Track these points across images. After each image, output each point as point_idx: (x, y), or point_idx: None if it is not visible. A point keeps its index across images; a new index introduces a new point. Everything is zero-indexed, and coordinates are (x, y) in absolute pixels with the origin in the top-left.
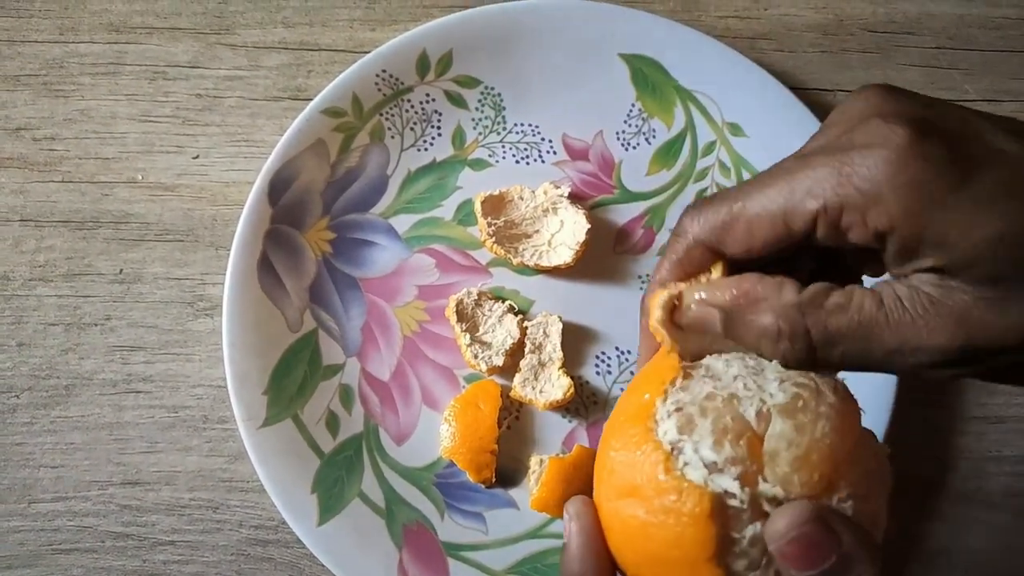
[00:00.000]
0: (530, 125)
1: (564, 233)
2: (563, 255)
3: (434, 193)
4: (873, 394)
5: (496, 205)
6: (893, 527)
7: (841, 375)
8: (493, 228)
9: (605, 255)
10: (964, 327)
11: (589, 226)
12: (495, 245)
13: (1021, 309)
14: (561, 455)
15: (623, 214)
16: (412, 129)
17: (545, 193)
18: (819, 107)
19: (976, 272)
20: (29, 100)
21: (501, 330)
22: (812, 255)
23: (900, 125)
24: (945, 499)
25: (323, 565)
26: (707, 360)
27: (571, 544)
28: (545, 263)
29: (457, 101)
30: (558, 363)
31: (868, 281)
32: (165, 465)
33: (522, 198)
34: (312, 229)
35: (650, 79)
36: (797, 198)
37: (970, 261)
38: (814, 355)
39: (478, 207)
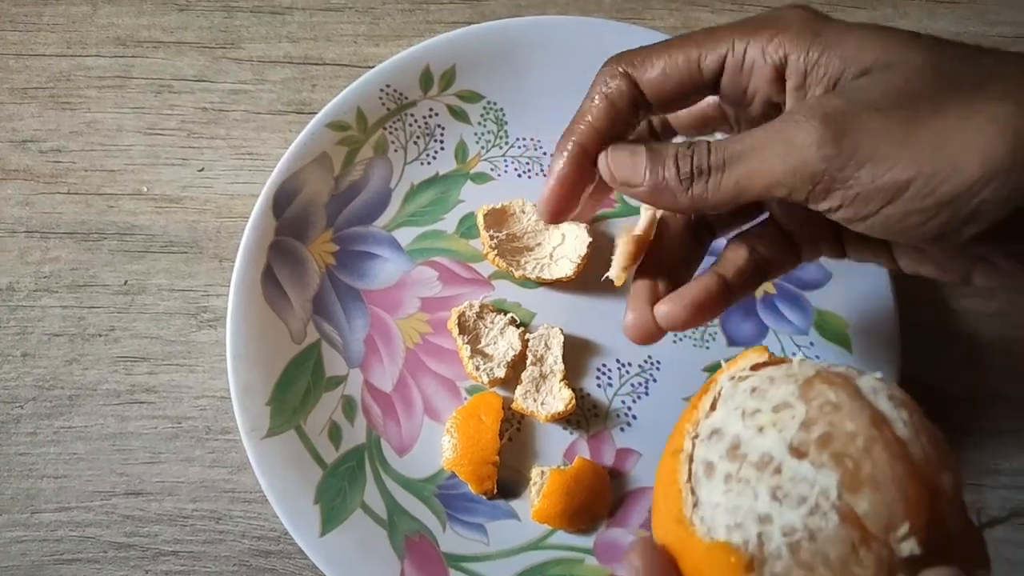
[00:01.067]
0: (532, 139)
1: (565, 246)
2: (564, 268)
3: (437, 206)
4: (882, 346)
5: (498, 218)
6: None
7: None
8: (495, 241)
9: (606, 268)
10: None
11: (590, 239)
12: (497, 258)
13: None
14: (562, 467)
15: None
16: (415, 143)
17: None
18: None
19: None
20: (36, 112)
21: (503, 342)
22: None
23: (799, 7)
24: None
25: None
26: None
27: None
28: (547, 276)
29: (460, 115)
30: (559, 375)
31: None
32: (168, 476)
33: (523, 211)
34: (316, 241)
35: None
36: (711, 45)
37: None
38: (713, 169)
39: (480, 220)
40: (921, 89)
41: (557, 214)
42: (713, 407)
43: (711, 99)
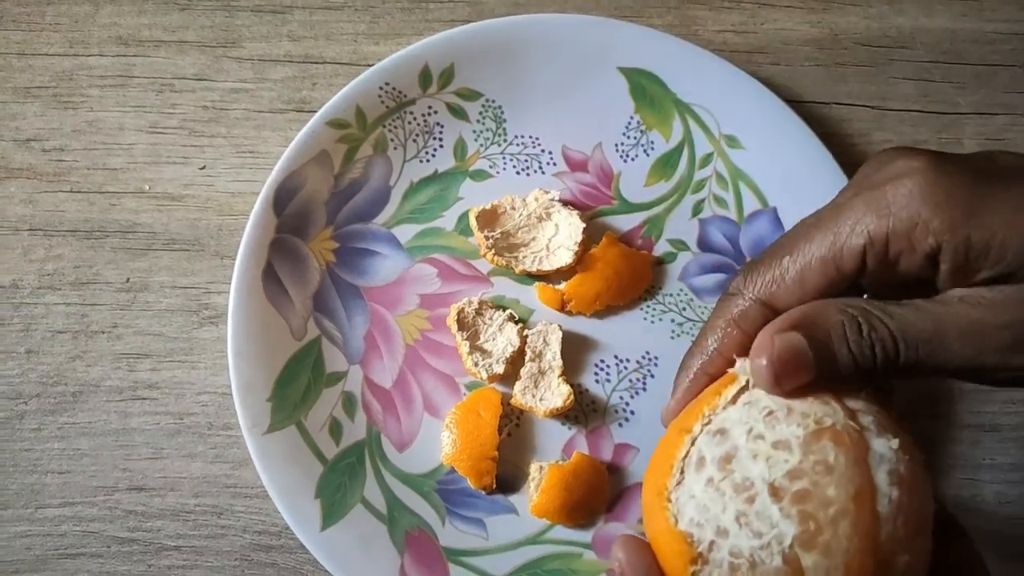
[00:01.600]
0: (530, 137)
1: (561, 236)
2: (563, 257)
3: (436, 204)
4: None
5: (490, 218)
6: None
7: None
8: (492, 240)
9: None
10: None
11: (584, 225)
12: (496, 257)
13: None
14: (561, 462)
15: (622, 225)
16: (414, 141)
17: (536, 200)
18: (815, 120)
19: None
20: (39, 112)
21: (502, 338)
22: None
23: (918, 157)
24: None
25: (326, 570)
26: (689, 504)
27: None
28: (547, 267)
29: (459, 113)
30: (558, 371)
31: None
32: (170, 471)
33: (514, 207)
34: (316, 239)
35: (648, 92)
36: (842, 239)
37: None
38: (897, 355)
39: (473, 222)
40: None
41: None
42: (735, 400)
43: None
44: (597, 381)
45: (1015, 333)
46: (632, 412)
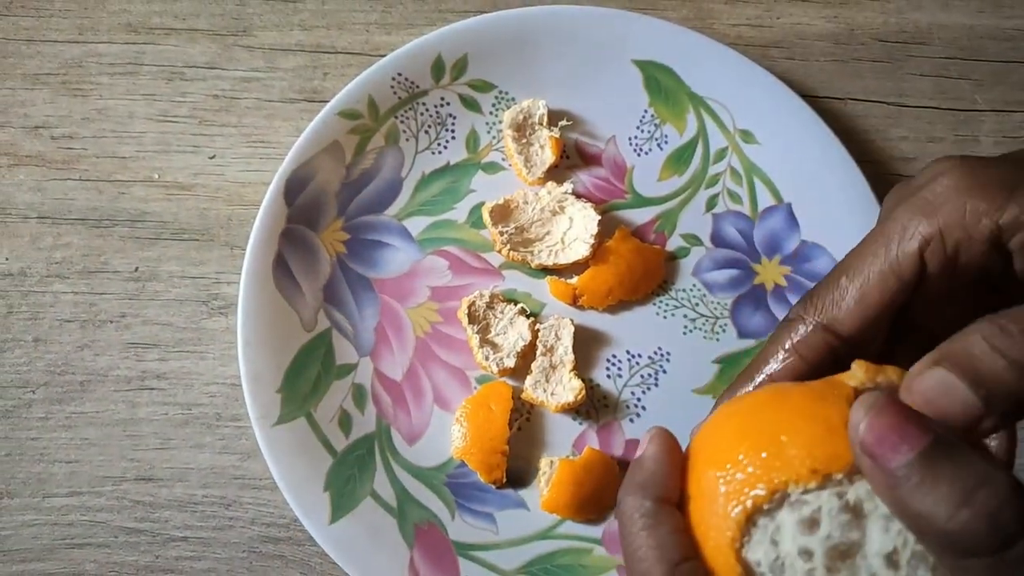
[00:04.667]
0: None
1: (575, 229)
2: (579, 250)
3: (447, 196)
4: None
5: (503, 213)
6: None
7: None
8: (506, 236)
9: None
10: None
11: (599, 217)
12: (512, 252)
13: None
14: (572, 457)
15: (635, 219)
16: (427, 132)
17: (549, 193)
18: (830, 115)
19: None
20: (48, 99)
21: (513, 332)
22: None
23: (946, 159)
24: None
25: (334, 563)
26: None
27: (647, 451)
28: (563, 261)
29: (471, 105)
30: (569, 366)
31: None
32: (178, 462)
33: (527, 202)
34: (327, 230)
35: (663, 85)
36: (896, 247)
37: None
38: None
39: (487, 218)
40: None
41: None
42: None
43: None
44: (608, 376)
45: None
46: (644, 407)
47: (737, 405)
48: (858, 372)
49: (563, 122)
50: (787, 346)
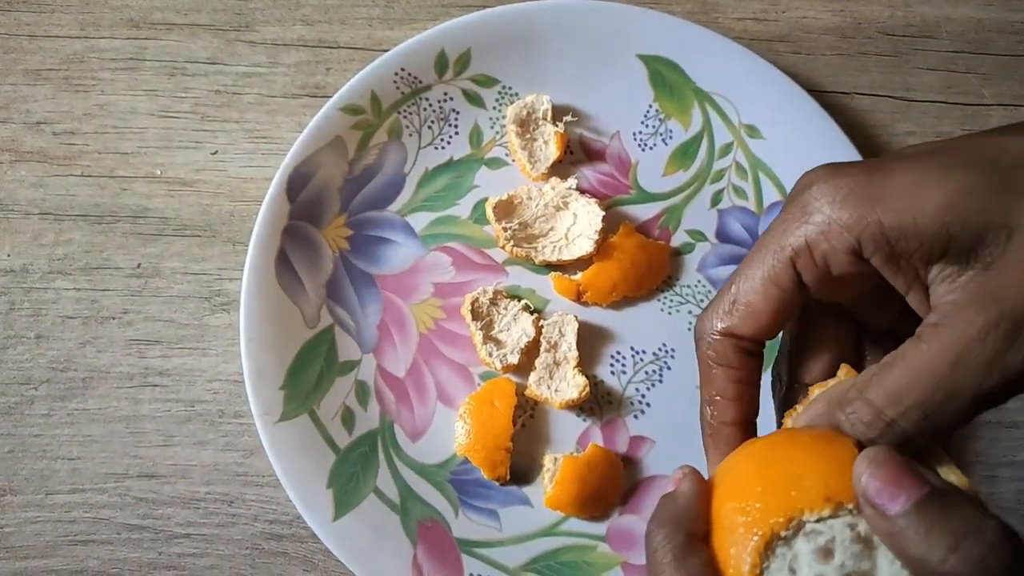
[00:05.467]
0: None
1: (580, 225)
2: (583, 246)
3: (451, 191)
4: None
5: (507, 209)
6: None
7: None
8: (510, 232)
9: None
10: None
11: (603, 213)
12: (515, 248)
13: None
14: (575, 454)
15: (639, 215)
16: (430, 127)
17: (553, 188)
18: (836, 109)
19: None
20: (50, 95)
21: (516, 329)
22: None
23: (819, 168)
24: None
25: (338, 560)
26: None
27: (682, 487)
28: (567, 256)
29: (475, 100)
30: (573, 362)
31: None
32: (181, 459)
33: (531, 197)
34: (329, 226)
35: (668, 80)
36: (772, 256)
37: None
38: (904, 430)
39: (490, 214)
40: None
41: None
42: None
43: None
44: (613, 373)
45: (987, 346)
46: (648, 404)
47: (751, 448)
48: (840, 373)
49: (567, 118)
50: (707, 363)
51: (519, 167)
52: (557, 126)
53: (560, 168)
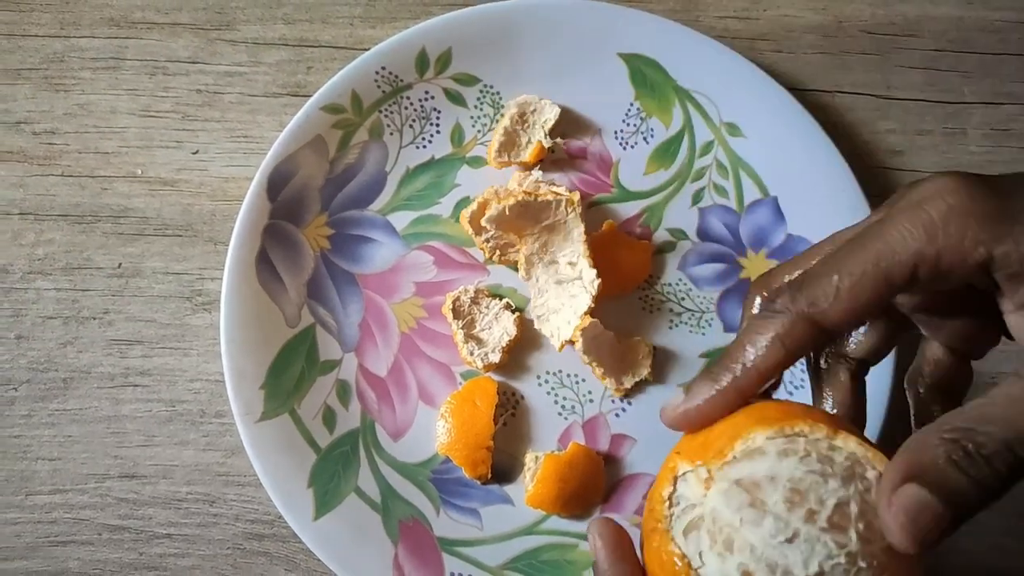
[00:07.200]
0: None
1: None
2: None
3: (432, 190)
4: (869, 396)
5: (482, 214)
6: None
7: None
8: (492, 243)
9: None
10: None
11: (578, 195)
12: (503, 258)
13: None
14: (557, 452)
15: (621, 213)
16: (411, 126)
17: (518, 184)
18: (818, 108)
19: None
20: (29, 94)
21: (498, 327)
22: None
23: (954, 175)
24: None
25: (319, 560)
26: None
27: (599, 557)
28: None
29: (456, 99)
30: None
31: None
32: (162, 459)
33: (499, 199)
34: (310, 225)
35: (649, 79)
36: (891, 255)
37: None
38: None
39: (467, 227)
40: None
41: (678, 427)
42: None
43: None
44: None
45: None
46: (629, 403)
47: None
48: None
49: (558, 140)
50: (773, 336)
51: (487, 147)
52: (545, 139)
53: (541, 166)
